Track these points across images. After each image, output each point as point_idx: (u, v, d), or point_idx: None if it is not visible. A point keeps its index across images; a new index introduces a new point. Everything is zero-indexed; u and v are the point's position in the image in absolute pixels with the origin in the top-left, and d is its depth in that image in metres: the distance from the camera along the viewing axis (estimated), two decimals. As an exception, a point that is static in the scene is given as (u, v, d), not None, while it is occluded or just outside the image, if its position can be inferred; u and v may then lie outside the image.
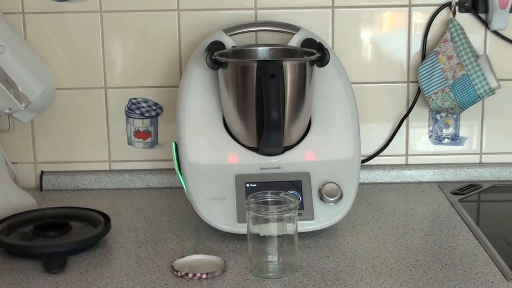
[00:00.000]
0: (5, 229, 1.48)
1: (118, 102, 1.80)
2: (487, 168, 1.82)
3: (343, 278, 1.31)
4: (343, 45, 1.77)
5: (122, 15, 1.75)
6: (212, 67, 1.51)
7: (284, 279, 1.31)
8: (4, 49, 1.58)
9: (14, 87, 1.60)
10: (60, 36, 1.76)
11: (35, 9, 1.75)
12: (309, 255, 1.41)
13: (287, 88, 1.48)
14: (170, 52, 1.77)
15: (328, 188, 1.50)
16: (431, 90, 1.74)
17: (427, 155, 1.84)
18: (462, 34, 1.73)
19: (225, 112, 1.55)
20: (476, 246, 1.44)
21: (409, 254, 1.41)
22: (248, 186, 1.49)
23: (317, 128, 1.56)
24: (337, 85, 1.59)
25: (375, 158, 1.82)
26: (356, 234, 1.51)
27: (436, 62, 1.74)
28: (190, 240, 1.50)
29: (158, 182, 1.81)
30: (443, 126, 1.82)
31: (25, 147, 1.81)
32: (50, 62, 1.75)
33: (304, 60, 1.51)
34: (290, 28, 1.67)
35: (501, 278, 1.30)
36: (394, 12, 1.78)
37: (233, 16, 1.74)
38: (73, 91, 1.79)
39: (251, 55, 1.61)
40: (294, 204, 1.33)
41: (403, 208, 1.66)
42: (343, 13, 1.76)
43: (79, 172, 1.81)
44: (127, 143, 1.82)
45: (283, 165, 1.52)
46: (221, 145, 1.54)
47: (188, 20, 1.76)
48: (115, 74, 1.78)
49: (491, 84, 1.71)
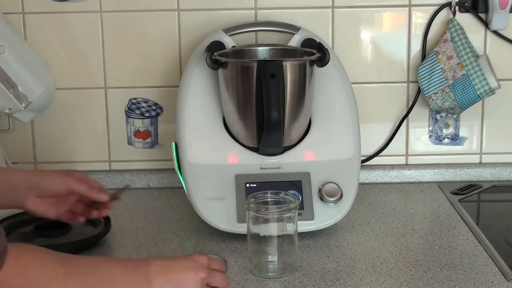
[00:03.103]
0: (5, 229, 1.47)
1: (118, 102, 1.80)
2: (487, 168, 1.82)
3: (343, 278, 1.31)
4: (343, 45, 1.77)
5: (122, 15, 1.75)
6: (212, 67, 1.51)
7: (284, 279, 1.31)
8: (4, 49, 1.58)
9: (14, 87, 1.60)
10: (60, 36, 1.76)
11: (35, 9, 1.75)
12: (309, 255, 1.41)
13: (287, 88, 1.48)
14: (170, 52, 1.77)
15: (328, 188, 1.50)
16: (431, 90, 1.74)
17: (427, 155, 1.84)
18: (462, 34, 1.73)
19: (225, 112, 1.55)
20: (476, 246, 1.44)
21: (409, 254, 1.41)
22: (248, 186, 1.49)
23: (317, 128, 1.56)
24: (337, 85, 1.59)
25: (375, 158, 1.82)
26: (356, 234, 1.51)
27: (436, 62, 1.74)
28: (190, 240, 1.50)
29: (158, 182, 1.81)
30: (443, 126, 1.82)
31: (25, 147, 1.81)
32: (50, 62, 1.75)
33: (304, 60, 1.51)
34: (290, 28, 1.67)
35: (501, 278, 1.30)
36: (394, 12, 1.78)
37: (233, 16, 1.74)
38: (73, 91, 1.79)
39: (251, 55, 1.61)
40: (294, 204, 1.33)
41: (403, 208, 1.66)
42: (343, 13, 1.76)
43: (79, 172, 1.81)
44: (127, 143, 1.82)
45: (283, 165, 1.52)
46: (221, 145, 1.54)
47: (188, 20, 1.76)
48: (115, 74, 1.78)
49: (491, 84, 1.71)
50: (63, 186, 1.30)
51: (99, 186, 1.37)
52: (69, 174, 1.33)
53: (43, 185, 1.29)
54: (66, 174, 1.33)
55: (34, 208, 1.31)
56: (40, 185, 1.29)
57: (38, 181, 1.30)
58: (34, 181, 1.29)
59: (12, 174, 1.31)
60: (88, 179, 1.36)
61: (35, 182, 1.29)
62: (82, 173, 1.37)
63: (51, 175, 1.32)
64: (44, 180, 1.30)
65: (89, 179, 1.37)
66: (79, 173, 1.36)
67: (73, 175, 1.34)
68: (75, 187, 1.32)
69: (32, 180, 1.30)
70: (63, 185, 1.30)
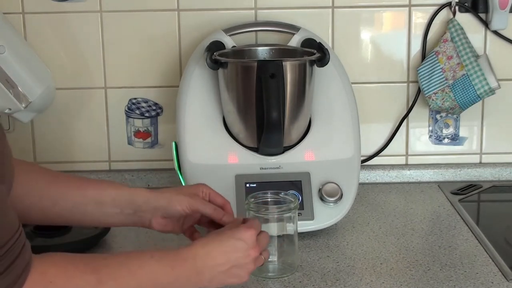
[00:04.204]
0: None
1: (118, 102, 1.80)
2: (487, 168, 1.82)
3: (343, 278, 1.31)
4: (343, 45, 1.77)
5: (122, 15, 1.75)
6: (212, 67, 1.51)
7: (284, 279, 1.31)
8: (4, 49, 1.58)
9: (14, 87, 1.60)
10: (60, 36, 1.76)
11: (35, 9, 1.75)
12: (309, 255, 1.41)
13: (287, 88, 1.48)
14: (170, 52, 1.77)
15: (328, 188, 1.50)
16: (431, 90, 1.74)
17: (427, 155, 1.84)
18: (462, 34, 1.73)
19: (225, 112, 1.55)
20: (476, 246, 1.44)
21: (409, 254, 1.41)
22: (248, 186, 1.49)
23: (317, 128, 1.56)
24: (337, 85, 1.59)
25: (375, 158, 1.82)
26: (356, 234, 1.51)
27: (436, 62, 1.74)
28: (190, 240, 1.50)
29: (158, 182, 1.81)
30: (443, 126, 1.82)
31: (25, 147, 1.81)
32: (50, 62, 1.75)
33: (304, 60, 1.51)
34: (290, 28, 1.67)
35: (501, 278, 1.30)
36: (394, 12, 1.78)
37: (233, 16, 1.74)
38: (73, 91, 1.79)
39: (251, 55, 1.61)
40: (294, 204, 1.33)
41: (403, 208, 1.66)
42: (343, 13, 1.76)
43: (79, 172, 1.81)
44: (127, 143, 1.82)
45: (283, 165, 1.52)
46: (221, 145, 1.54)
47: (188, 20, 1.76)
48: (115, 74, 1.78)
49: (491, 84, 1.71)
50: (189, 209, 1.27)
51: (224, 203, 1.31)
52: (194, 195, 1.29)
53: (169, 209, 1.27)
54: (191, 196, 1.29)
55: (160, 228, 1.29)
56: (167, 209, 1.27)
57: (165, 206, 1.27)
58: (161, 205, 1.27)
59: (137, 194, 1.27)
60: (214, 196, 1.31)
61: (162, 206, 1.27)
62: (207, 187, 1.32)
63: (178, 198, 1.27)
64: (171, 204, 1.27)
65: (215, 196, 1.31)
66: (205, 188, 1.31)
67: (199, 195, 1.30)
68: (201, 210, 1.28)
69: (159, 204, 1.27)
70: (189, 208, 1.27)
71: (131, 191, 1.28)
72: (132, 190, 1.28)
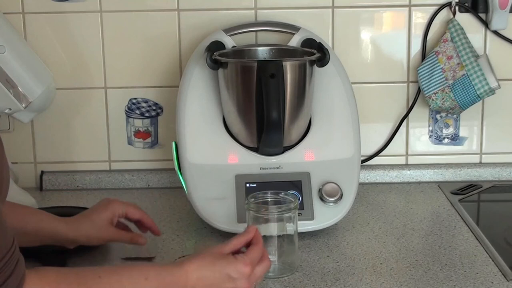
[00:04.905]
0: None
1: (118, 102, 1.80)
2: (487, 168, 1.82)
3: (343, 278, 1.31)
4: (343, 45, 1.77)
5: (122, 15, 1.75)
6: (212, 67, 1.51)
7: (284, 279, 1.31)
8: (4, 49, 1.58)
9: (14, 87, 1.60)
10: (60, 36, 1.76)
11: (35, 9, 1.75)
12: (309, 255, 1.41)
13: (287, 88, 1.48)
14: (170, 52, 1.77)
15: (328, 188, 1.50)
16: (431, 90, 1.74)
17: (427, 155, 1.84)
18: (462, 34, 1.73)
19: (225, 112, 1.55)
20: (476, 246, 1.44)
21: (409, 254, 1.41)
22: (248, 186, 1.49)
23: (317, 128, 1.56)
24: (337, 85, 1.59)
25: (375, 158, 1.82)
26: (356, 234, 1.51)
27: (436, 62, 1.74)
28: (190, 240, 1.50)
29: (158, 182, 1.81)
30: (443, 126, 1.82)
31: (25, 147, 1.81)
32: (50, 62, 1.75)
33: (304, 60, 1.51)
34: (290, 28, 1.67)
35: (501, 278, 1.30)
36: (394, 12, 1.78)
37: (233, 16, 1.74)
38: (73, 91, 1.79)
39: (251, 55, 1.61)
40: (294, 204, 1.33)
41: (403, 208, 1.66)
42: (343, 13, 1.76)
43: (79, 172, 1.81)
44: (127, 143, 1.82)
45: (283, 165, 1.52)
46: (221, 145, 1.54)
47: (188, 20, 1.76)
48: (115, 74, 1.78)
49: (491, 84, 1.71)
50: (107, 241, 1.38)
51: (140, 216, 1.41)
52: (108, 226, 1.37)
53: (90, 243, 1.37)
54: (107, 227, 1.36)
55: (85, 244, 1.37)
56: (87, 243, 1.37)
57: (85, 241, 1.35)
58: (80, 241, 1.35)
59: (56, 226, 1.33)
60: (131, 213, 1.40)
61: (82, 241, 1.35)
62: (120, 205, 1.38)
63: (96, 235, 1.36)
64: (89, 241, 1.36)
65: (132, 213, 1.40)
66: (119, 207, 1.38)
67: (114, 220, 1.38)
68: (117, 241, 1.39)
69: (79, 240, 1.35)
70: (106, 241, 1.38)
71: (48, 218, 1.33)
72: (49, 218, 1.33)
